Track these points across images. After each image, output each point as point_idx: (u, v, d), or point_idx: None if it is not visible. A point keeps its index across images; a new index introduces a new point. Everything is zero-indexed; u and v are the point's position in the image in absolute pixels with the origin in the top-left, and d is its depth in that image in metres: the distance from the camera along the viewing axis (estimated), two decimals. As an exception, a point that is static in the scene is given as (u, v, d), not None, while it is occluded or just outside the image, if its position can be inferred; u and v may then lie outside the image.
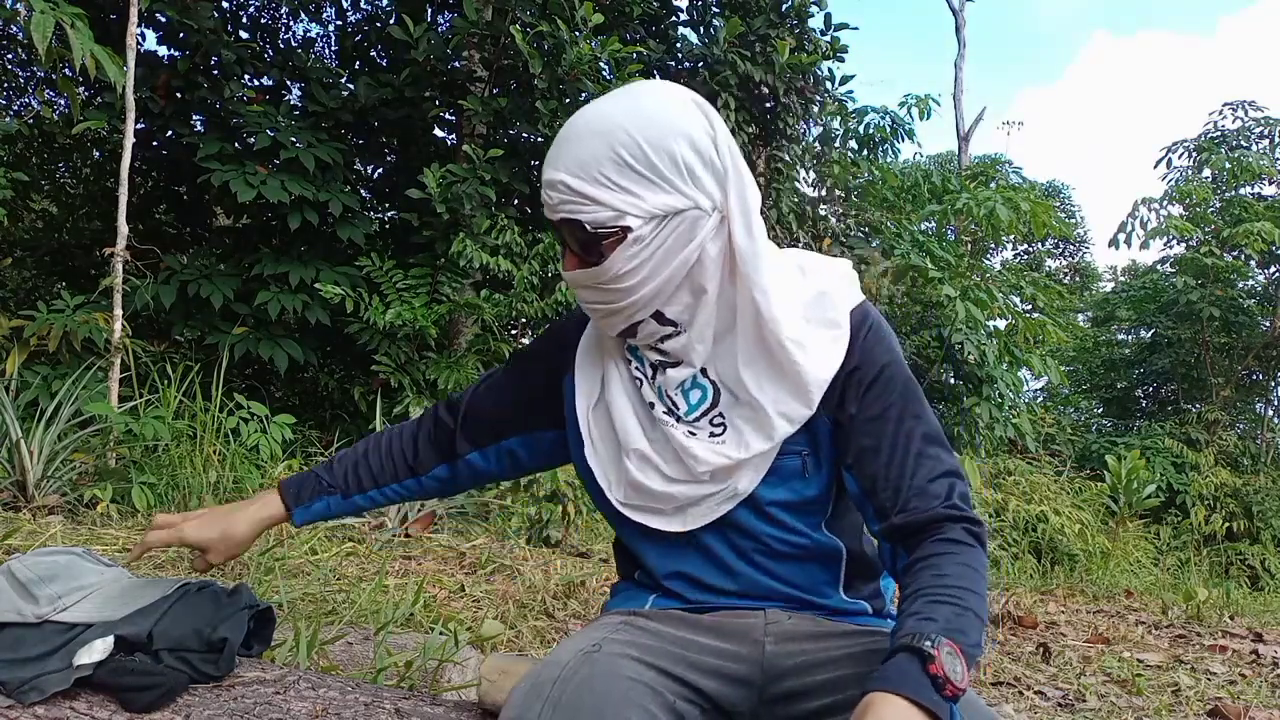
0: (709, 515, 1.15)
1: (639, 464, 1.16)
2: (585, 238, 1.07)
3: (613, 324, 1.14)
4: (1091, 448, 10.80)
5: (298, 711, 1.22)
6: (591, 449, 1.21)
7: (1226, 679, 3.01)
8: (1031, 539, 6.49)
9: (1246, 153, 11.96)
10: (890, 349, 1.15)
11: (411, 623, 2.32)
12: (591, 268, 1.09)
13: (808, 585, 1.18)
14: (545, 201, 1.09)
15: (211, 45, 5.27)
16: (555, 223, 1.09)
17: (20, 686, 1.16)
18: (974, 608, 0.98)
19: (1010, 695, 2.65)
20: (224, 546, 1.39)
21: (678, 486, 1.15)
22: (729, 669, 1.12)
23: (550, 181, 1.06)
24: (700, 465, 1.13)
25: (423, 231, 5.40)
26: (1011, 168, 13.19)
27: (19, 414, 3.55)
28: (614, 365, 1.21)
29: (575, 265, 1.11)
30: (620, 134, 1.04)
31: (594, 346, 1.24)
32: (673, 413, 1.16)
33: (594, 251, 1.08)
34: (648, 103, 1.07)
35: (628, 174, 1.04)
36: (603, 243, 1.07)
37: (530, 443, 1.33)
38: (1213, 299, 11.13)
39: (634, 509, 1.18)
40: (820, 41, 6.91)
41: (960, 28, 13.20)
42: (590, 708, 0.97)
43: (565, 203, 1.06)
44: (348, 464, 1.38)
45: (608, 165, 1.04)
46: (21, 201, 6.03)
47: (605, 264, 1.07)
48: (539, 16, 5.20)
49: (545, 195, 1.08)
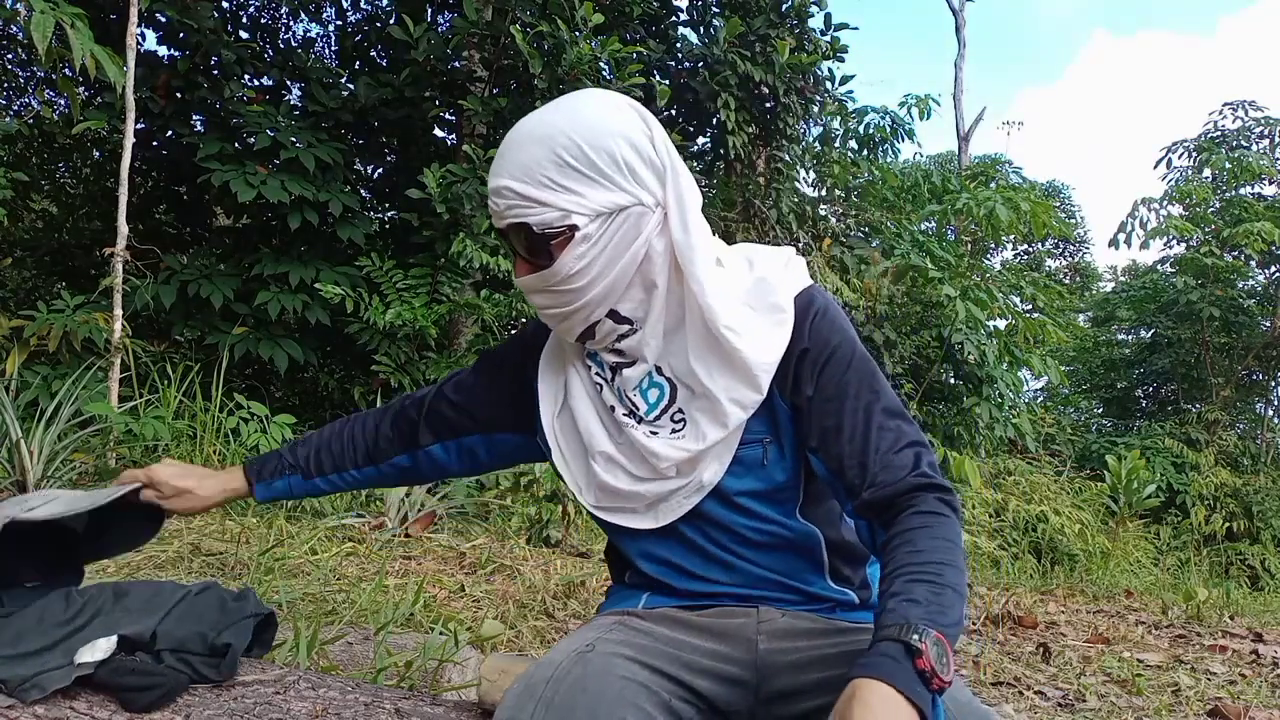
0: (679, 509, 1.16)
1: (606, 466, 1.18)
2: (534, 240, 1.10)
3: (570, 328, 1.16)
4: (1091, 448, 10.80)
5: (298, 712, 1.22)
6: (560, 457, 1.23)
7: (1226, 679, 3.00)
8: (1031, 539, 6.49)
9: (1246, 153, 11.96)
10: (840, 329, 1.15)
11: (411, 623, 2.32)
12: (541, 270, 1.11)
13: (791, 574, 1.19)
14: (493, 210, 1.12)
15: (211, 45, 5.27)
16: (503, 230, 1.12)
17: (21, 684, 1.15)
18: (951, 583, 0.98)
19: (1010, 695, 2.64)
20: (187, 500, 1.42)
21: (645, 485, 1.16)
22: (723, 670, 1.12)
23: (495, 189, 1.09)
24: (662, 462, 1.14)
25: (423, 231, 5.40)
26: (1011, 168, 13.19)
27: (19, 414, 3.55)
28: (575, 371, 1.23)
29: (526, 270, 1.13)
30: (560, 137, 1.07)
31: (555, 354, 1.26)
32: (633, 414, 1.18)
33: (543, 254, 1.10)
34: (584, 107, 1.10)
35: (569, 174, 1.07)
36: (551, 244, 1.09)
37: (490, 444, 1.36)
38: (1213, 299, 11.12)
39: (607, 510, 1.20)
40: (820, 41, 6.91)
41: (960, 28, 13.21)
42: (584, 708, 0.97)
43: (512, 207, 1.09)
44: (311, 446, 1.42)
45: (549, 167, 1.07)
46: (21, 201, 6.04)
47: (555, 265, 1.10)
48: (539, 16, 5.20)
49: (492, 204, 1.11)
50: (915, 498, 1.05)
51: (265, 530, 3.16)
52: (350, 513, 3.74)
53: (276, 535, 3.07)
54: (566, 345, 1.23)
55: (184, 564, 2.67)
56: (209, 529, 3.12)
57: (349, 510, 3.81)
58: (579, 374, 1.22)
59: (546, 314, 1.16)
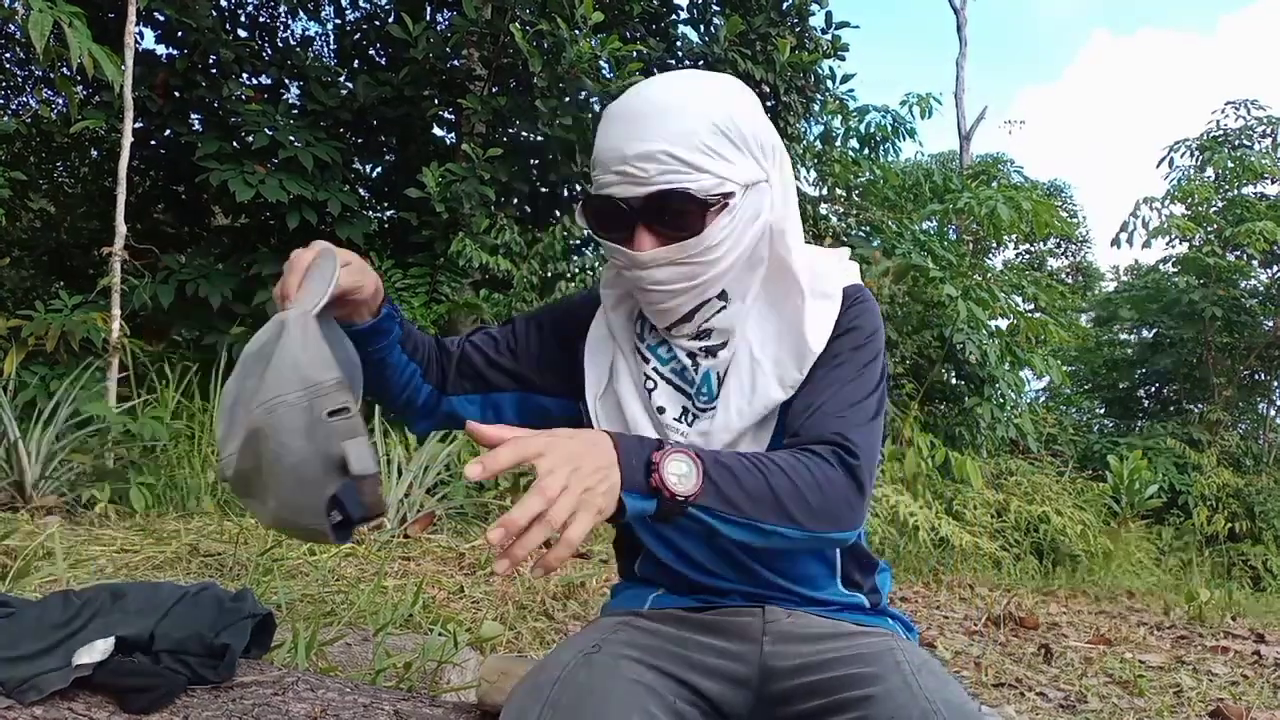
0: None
1: None
2: (686, 208, 1.07)
3: (679, 306, 1.13)
4: (1093, 448, 10.78)
5: (296, 713, 1.21)
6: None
7: (1228, 680, 3.00)
8: (1033, 540, 6.47)
9: (1249, 152, 11.95)
10: (870, 320, 1.17)
11: (410, 624, 2.31)
12: (683, 240, 1.08)
13: (805, 576, 1.19)
14: (634, 175, 1.06)
15: (210, 44, 5.26)
16: (641, 198, 1.07)
17: (19, 685, 1.15)
18: (773, 481, 0.97)
19: (1012, 696, 2.64)
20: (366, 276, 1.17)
21: None
22: (727, 669, 1.12)
23: (646, 153, 1.05)
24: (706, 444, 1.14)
25: (422, 231, 5.39)
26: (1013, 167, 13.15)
27: (16, 414, 3.54)
28: (622, 359, 1.21)
29: (659, 242, 1.09)
30: (715, 107, 1.08)
31: (603, 336, 1.24)
32: (687, 414, 1.16)
33: (689, 224, 1.08)
34: (718, 81, 1.13)
35: (724, 143, 1.08)
36: (708, 211, 1.08)
37: (524, 403, 1.29)
38: (1215, 299, 11.11)
39: None
40: (821, 40, 6.90)
41: (961, 26, 13.21)
42: (591, 710, 0.96)
43: (665, 172, 1.05)
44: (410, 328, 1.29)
45: (707, 135, 1.06)
46: (19, 201, 6.03)
47: (704, 234, 1.08)
48: (539, 15, 5.19)
49: (636, 168, 1.06)
50: (815, 446, 1.05)
51: (263, 531, 3.15)
52: (350, 513, 3.72)
53: (274, 536, 3.06)
54: (616, 332, 1.22)
55: (182, 565, 2.66)
56: (207, 530, 3.11)
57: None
58: (626, 363, 1.21)
59: (664, 289, 1.11)
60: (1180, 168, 12.54)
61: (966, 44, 13.29)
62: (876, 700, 0.99)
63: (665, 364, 1.18)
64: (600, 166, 1.10)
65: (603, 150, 1.09)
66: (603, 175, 1.09)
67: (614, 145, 1.08)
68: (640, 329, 1.22)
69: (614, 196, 1.08)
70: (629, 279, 1.14)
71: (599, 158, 1.10)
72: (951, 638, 3.30)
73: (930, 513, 5.59)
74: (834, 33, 6.93)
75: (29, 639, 1.26)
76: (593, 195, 1.12)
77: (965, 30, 13.20)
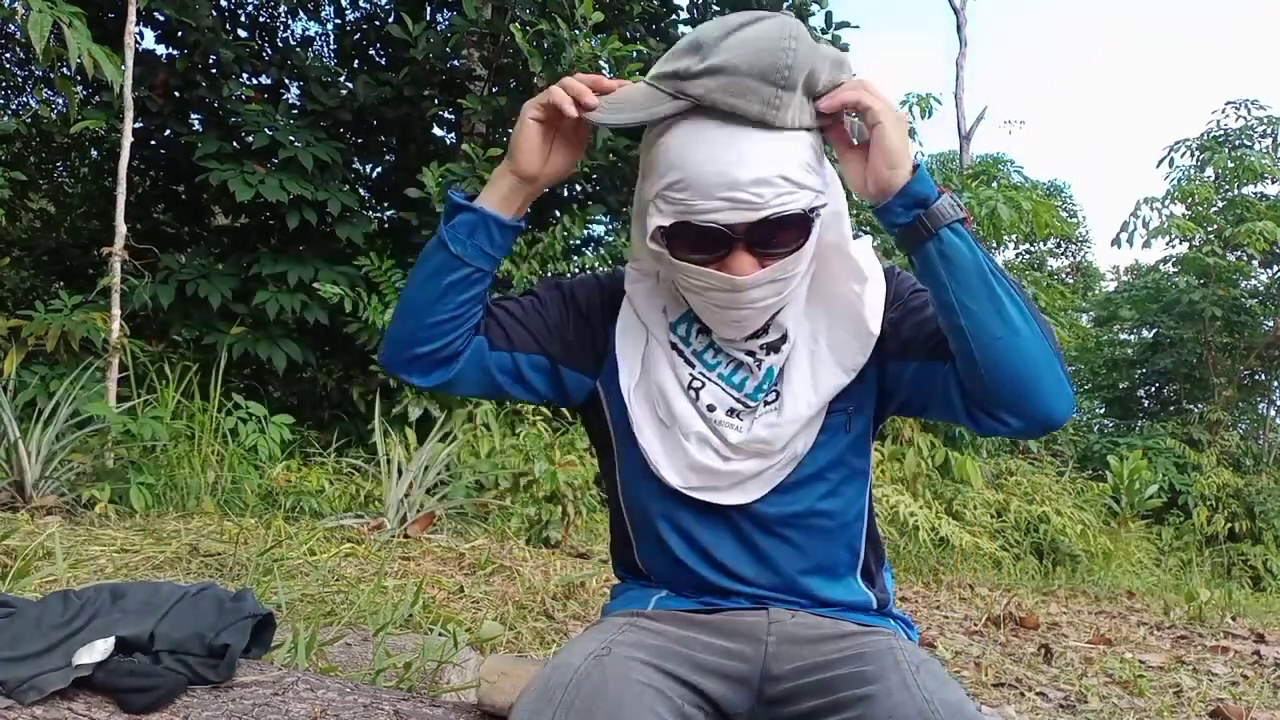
0: (769, 483, 1.16)
1: (699, 445, 1.15)
2: (794, 228, 1.06)
3: (757, 320, 1.13)
4: (1093, 448, 10.77)
5: (296, 713, 1.21)
6: (638, 428, 1.19)
7: (1228, 680, 3.00)
8: (1033, 539, 6.47)
9: (1249, 152, 11.94)
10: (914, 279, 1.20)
11: (410, 624, 2.31)
12: (781, 261, 1.06)
13: (829, 566, 1.19)
14: (748, 201, 1.01)
15: (210, 44, 5.26)
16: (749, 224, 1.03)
17: (19, 686, 1.15)
18: (1017, 288, 1.05)
19: (1012, 696, 2.64)
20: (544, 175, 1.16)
21: (738, 463, 1.15)
22: (730, 668, 1.12)
23: (762, 179, 1.01)
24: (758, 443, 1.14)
25: (422, 231, 5.38)
26: (1013, 167, 13.14)
27: (17, 414, 3.54)
28: (659, 351, 1.19)
29: (758, 264, 1.06)
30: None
31: (634, 327, 1.21)
32: (741, 405, 1.15)
33: (791, 242, 1.07)
34: None
35: (814, 155, 1.08)
36: (811, 225, 1.07)
37: (543, 366, 1.21)
38: (1215, 299, 11.11)
39: (696, 489, 1.17)
40: (821, 40, 6.89)
41: (962, 26, 13.18)
42: (603, 713, 0.96)
43: (781, 195, 1.03)
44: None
45: (807, 150, 1.06)
46: (19, 201, 6.03)
47: (805, 248, 1.08)
48: (538, 14, 5.19)
49: (751, 194, 1.01)
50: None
51: (264, 531, 3.15)
52: (349, 513, 3.73)
53: (275, 536, 3.06)
54: (650, 326, 1.20)
55: (182, 565, 2.66)
56: (207, 530, 3.11)
57: (348, 511, 3.81)
58: (665, 358, 1.18)
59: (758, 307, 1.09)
60: (1180, 168, 12.53)
61: (967, 44, 13.27)
62: (875, 699, 1.00)
63: (713, 368, 1.17)
64: (696, 191, 1.02)
65: (702, 175, 1.02)
66: (701, 201, 1.02)
67: (720, 170, 1.01)
68: (687, 333, 1.18)
69: (719, 224, 1.03)
70: (711, 299, 1.09)
71: (694, 182, 1.02)
72: (951, 638, 3.30)
73: (930, 513, 5.59)
74: (834, 32, 6.92)
75: (29, 639, 1.26)
76: (684, 223, 1.04)
77: (965, 30, 13.19)
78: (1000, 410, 1.07)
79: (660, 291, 1.21)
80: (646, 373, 1.19)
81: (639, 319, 1.21)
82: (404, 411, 4.91)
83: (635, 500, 1.23)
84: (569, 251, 5.68)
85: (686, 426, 1.15)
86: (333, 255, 5.42)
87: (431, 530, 3.74)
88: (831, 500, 1.18)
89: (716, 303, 1.09)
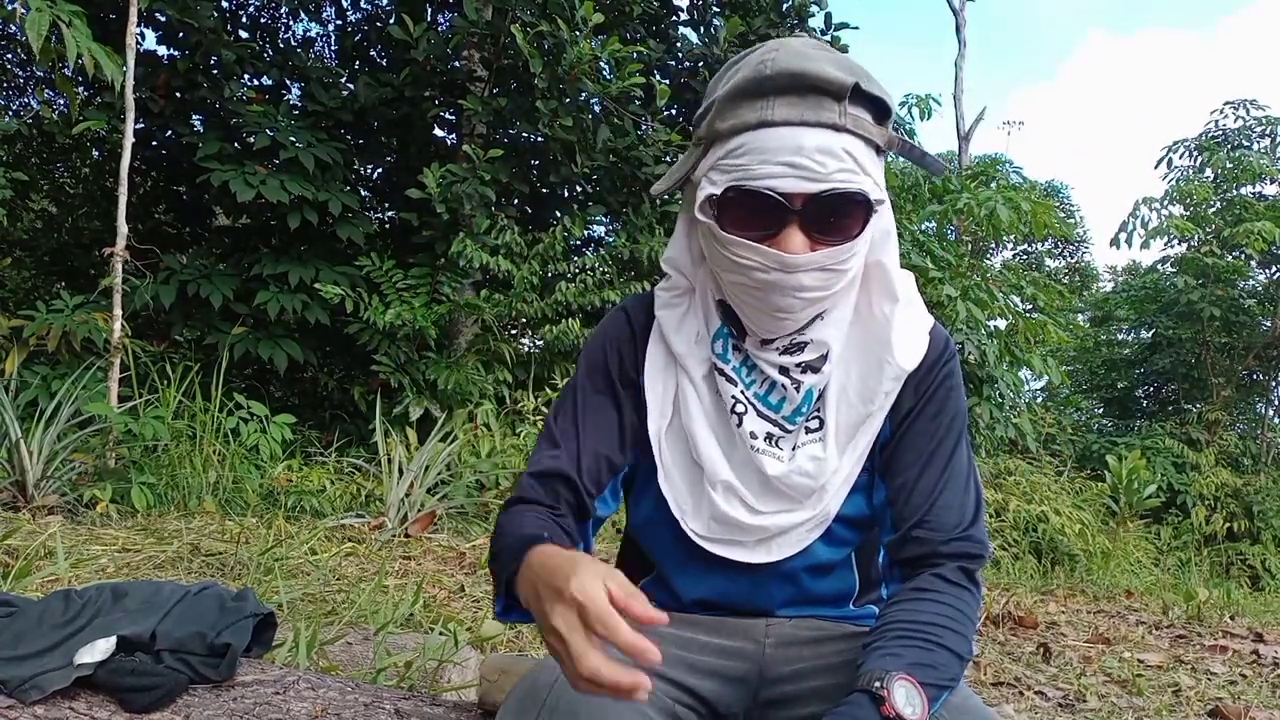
0: (797, 545, 1.10)
1: (724, 495, 1.09)
2: (852, 212, 0.99)
3: (800, 317, 1.04)
4: (1092, 448, 10.79)
5: (297, 712, 1.21)
6: (664, 473, 1.12)
7: (1227, 679, 3.00)
8: (1032, 539, 6.48)
9: (1247, 152, 11.95)
10: (959, 372, 1.13)
11: (411, 623, 2.32)
12: (834, 246, 0.99)
13: (831, 597, 1.17)
14: (810, 169, 0.95)
15: (211, 45, 5.27)
16: (809, 195, 0.96)
17: (20, 685, 1.15)
18: (949, 644, 0.97)
19: (1010, 695, 2.64)
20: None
21: (766, 518, 1.09)
22: (727, 668, 1.12)
23: (827, 147, 0.95)
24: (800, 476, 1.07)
25: (423, 231, 5.39)
26: (1012, 167, 13.18)
27: (18, 414, 3.55)
28: (691, 388, 1.11)
29: (810, 246, 0.99)
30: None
31: (663, 360, 1.14)
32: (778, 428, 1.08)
33: (846, 229, 1.00)
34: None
35: (876, 162, 1.02)
36: (869, 216, 1.01)
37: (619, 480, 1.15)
38: (1213, 299, 11.12)
39: (715, 542, 1.10)
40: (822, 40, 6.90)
41: (960, 27, 13.18)
42: (588, 714, 0.96)
43: (845, 171, 0.96)
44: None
45: (877, 133, 1.01)
46: (21, 201, 6.04)
47: (859, 239, 1.01)
48: (539, 16, 5.19)
49: (815, 161, 0.95)
50: (942, 564, 1.04)
51: (265, 531, 3.16)
52: (350, 513, 3.74)
53: (276, 536, 3.07)
54: (683, 358, 1.11)
55: (183, 564, 2.67)
56: (208, 529, 3.12)
57: (348, 510, 3.81)
58: (697, 391, 1.11)
59: (805, 296, 1.01)
60: (1179, 168, 12.55)
61: (965, 45, 13.26)
62: None
63: (749, 386, 1.09)
64: (758, 153, 0.96)
65: (766, 141, 0.96)
66: (761, 165, 0.96)
67: (784, 136, 0.95)
68: (724, 349, 1.10)
69: (777, 191, 0.96)
70: (755, 280, 1.01)
71: (758, 143, 0.96)
72: (950, 637, 3.30)
73: (929, 513, 5.58)
74: (833, 33, 6.93)
75: (31, 638, 1.26)
76: (738, 190, 0.98)
77: (964, 31, 13.19)
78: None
79: (694, 311, 1.13)
80: (678, 414, 1.12)
81: (669, 353, 1.13)
82: (405, 411, 4.92)
83: (648, 538, 1.20)
84: (569, 251, 5.69)
85: (714, 475, 1.08)
86: (334, 256, 5.43)
87: (432, 530, 3.74)
88: (847, 547, 1.16)
89: (760, 285, 1.00)
